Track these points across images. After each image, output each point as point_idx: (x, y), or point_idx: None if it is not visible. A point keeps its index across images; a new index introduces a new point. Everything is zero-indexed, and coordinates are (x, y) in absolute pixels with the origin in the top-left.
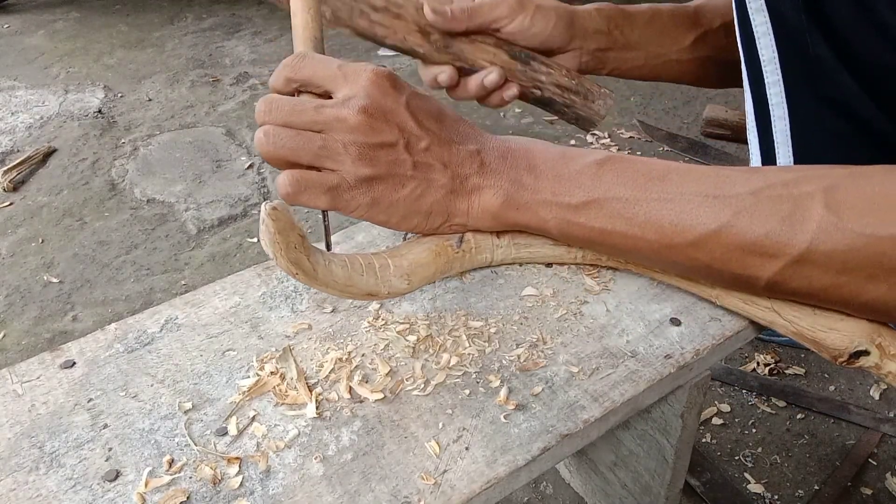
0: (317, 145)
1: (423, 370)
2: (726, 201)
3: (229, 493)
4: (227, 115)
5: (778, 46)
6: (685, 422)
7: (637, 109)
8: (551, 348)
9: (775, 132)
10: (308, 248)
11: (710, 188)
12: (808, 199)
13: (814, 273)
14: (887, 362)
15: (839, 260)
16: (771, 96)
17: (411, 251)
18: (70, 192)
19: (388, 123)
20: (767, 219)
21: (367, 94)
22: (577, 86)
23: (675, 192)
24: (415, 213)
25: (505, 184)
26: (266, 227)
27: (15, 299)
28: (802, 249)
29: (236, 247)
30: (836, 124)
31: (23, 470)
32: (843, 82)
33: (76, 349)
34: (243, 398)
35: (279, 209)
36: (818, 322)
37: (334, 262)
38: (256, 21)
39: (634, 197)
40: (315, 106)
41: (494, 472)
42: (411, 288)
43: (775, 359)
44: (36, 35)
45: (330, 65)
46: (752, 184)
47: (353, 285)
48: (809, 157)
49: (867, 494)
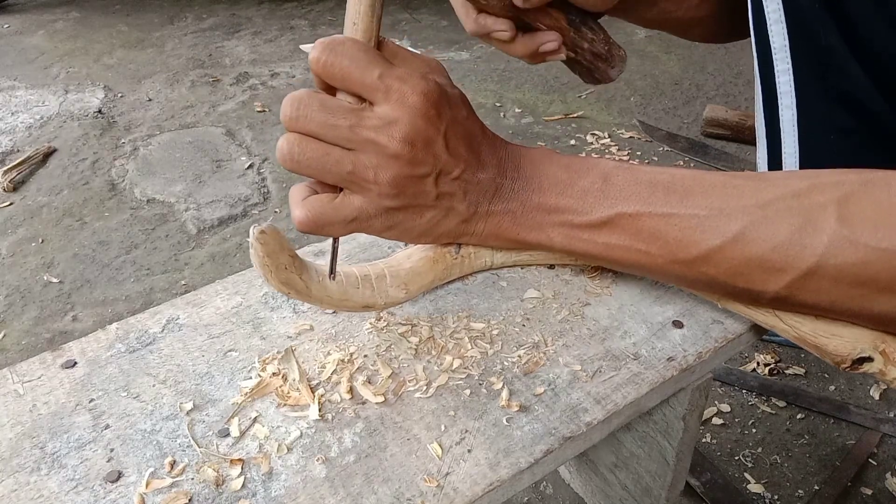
0: (346, 170)
1: (425, 372)
2: (734, 215)
3: (232, 495)
4: (227, 115)
5: (790, 34)
6: (687, 424)
7: (637, 109)
8: (554, 350)
9: (782, 121)
10: (300, 267)
11: (717, 200)
12: (821, 212)
13: (822, 287)
14: (892, 368)
15: (850, 273)
16: (780, 84)
17: (409, 259)
18: (70, 192)
19: (426, 155)
20: (777, 232)
21: (411, 123)
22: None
23: (681, 205)
24: (427, 236)
25: (514, 207)
26: (255, 251)
27: (15, 299)
28: (812, 264)
29: (236, 247)
30: (844, 116)
31: (24, 471)
32: (854, 74)
33: (77, 349)
34: (245, 399)
35: (267, 232)
36: (820, 327)
37: (328, 277)
38: (256, 21)
39: (639, 212)
40: (350, 125)
41: (497, 474)
42: (409, 297)
43: (775, 359)
44: (36, 35)
45: (371, 71)
46: (762, 195)
47: (349, 299)
48: (815, 147)
49: (867, 494)
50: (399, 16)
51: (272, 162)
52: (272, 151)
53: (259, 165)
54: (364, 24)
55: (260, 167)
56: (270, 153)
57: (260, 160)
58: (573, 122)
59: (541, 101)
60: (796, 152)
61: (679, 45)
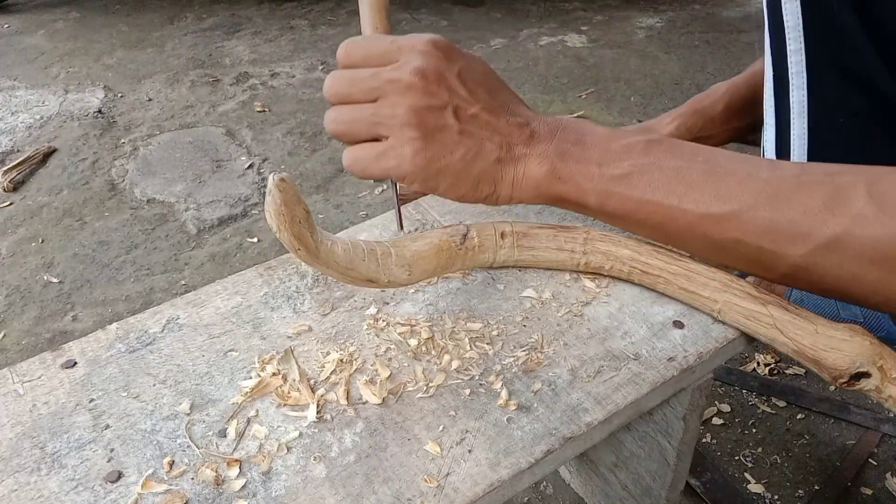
0: (368, 113)
1: (424, 372)
2: (768, 180)
3: (231, 495)
4: (227, 115)
5: (803, 13)
6: (687, 424)
7: (637, 109)
8: (553, 350)
9: (792, 102)
10: (312, 226)
11: (753, 168)
12: (851, 188)
13: (844, 260)
14: (888, 386)
15: (874, 249)
16: (792, 64)
17: (414, 243)
18: (70, 192)
19: (439, 86)
20: (808, 198)
21: (423, 59)
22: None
23: (720, 168)
24: (464, 179)
25: (551, 153)
26: (272, 199)
27: (15, 299)
28: (839, 231)
29: (236, 247)
30: (854, 97)
31: (24, 471)
32: (866, 54)
33: (77, 349)
34: (245, 399)
35: (287, 181)
36: (819, 341)
37: (337, 244)
38: (256, 21)
39: (678, 167)
40: (371, 73)
41: (497, 474)
42: (411, 280)
43: (775, 359)
44: (36, 35)
45: (383, 41)
46: (796, 169)
47: (354, 269)
48: (824, 129)
49: (867, 494)
50: (399, 16)
51: (272, 162)
52: (272, 151)
53: (259, 165)
54: (383, 27)
55: (260, 167)
56: (270, 153)
57: (260, 160)
58: None
59: (541, 100)
60: (805, 133)
61: (679, 46)
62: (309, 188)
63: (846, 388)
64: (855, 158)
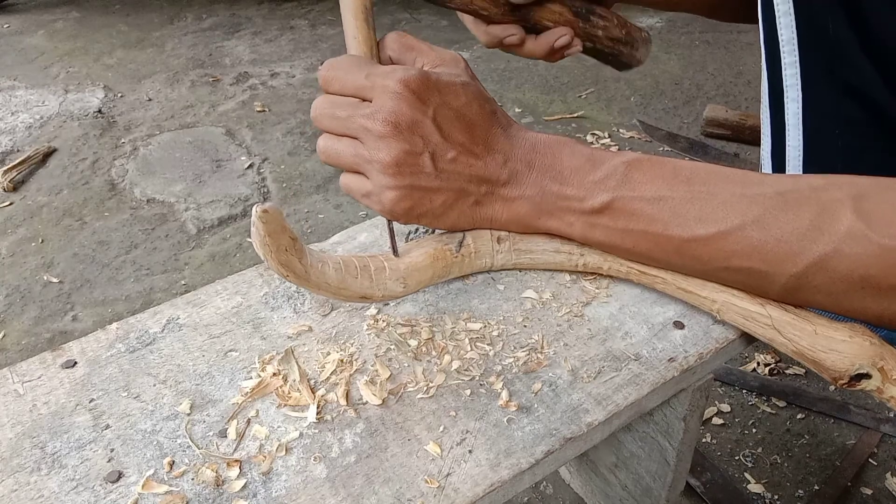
0: (351, 152)
1: (424, 373)
2: (754, 199)
3: (231, 496)
4: (227, 115)
5: (798, 27)
6: (687, 425)
7: (637, 109)
8: (554, 351)
9: (787, 114)
10: (300, 251)
11: (737, 187)
12: (838, 205)
13: (834, 278)
14: (889, 387)
15: (863, 266)
16: (786, 77)
17: (409, 254)
18: (70, 192)
19: (413, 134)
20: (795, 218)
21: (391, 107)
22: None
23: (703, 190)
24: (444, 220)
25: (531, 193)
26: (256, 230)
27: (15, 299)
28: (830, 250)
29: (236, 247)
30: (850, 109)
31: (24, 471)
32: (862, 67)
33: (77, 349)
34: (245, 399)
35: (270, 211)
36: (818, 342)
37: (328, 264)
38: (256, 21)
39: (660, 195)
40: (348, 115)
41: (498, 475)
42: (407, 291)
43: (775, 359)
44: (36, 35)
45: (358, 74)
46: (781, 185)
47: (347, 287)
48: (819, 140)
49: (867, 494)
50: (399, 16)
51: (272, 162)
52: (272, 151)
53: (259, 165)
54: (363, 34)
55: (260, 167)
56: (270, 153)
57: (260, 160)
58: (573, 122)
59: (541, 100)
60: (800, 145)
61: (679, 45)
62: (309, 188)
63: (847, 389)
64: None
